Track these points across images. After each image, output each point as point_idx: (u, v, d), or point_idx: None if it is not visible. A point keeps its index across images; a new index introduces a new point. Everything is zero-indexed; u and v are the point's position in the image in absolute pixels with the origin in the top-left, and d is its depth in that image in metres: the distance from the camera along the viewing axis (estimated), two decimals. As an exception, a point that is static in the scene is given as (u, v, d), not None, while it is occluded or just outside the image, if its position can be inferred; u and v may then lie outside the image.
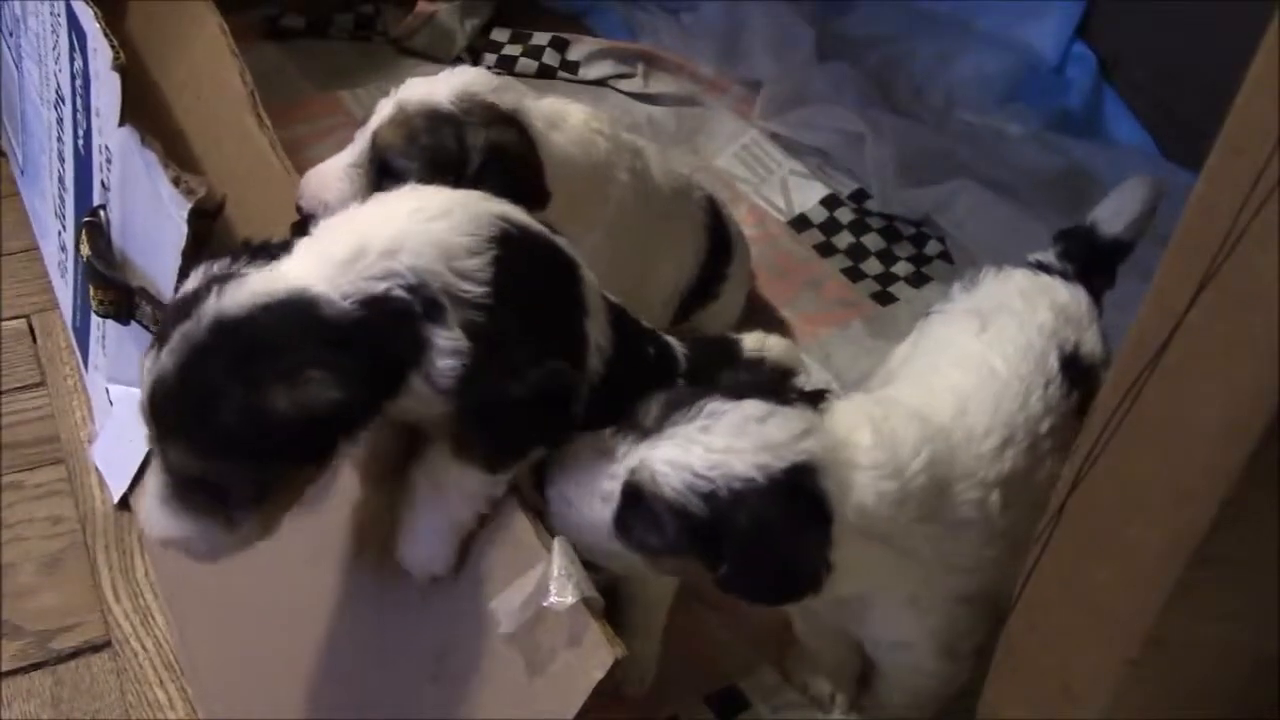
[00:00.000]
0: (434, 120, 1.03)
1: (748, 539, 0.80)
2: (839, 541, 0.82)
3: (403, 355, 0.76)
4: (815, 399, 0.87)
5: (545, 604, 0.78)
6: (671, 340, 1.02)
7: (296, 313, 0.74)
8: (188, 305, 0.75)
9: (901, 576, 0.90)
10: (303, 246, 0.79)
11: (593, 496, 0.83)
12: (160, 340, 0.74)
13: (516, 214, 0.85)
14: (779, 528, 0.81)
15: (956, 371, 1.00)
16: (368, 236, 0.77)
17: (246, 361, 0.72)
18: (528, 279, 0.82)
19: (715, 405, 0.82)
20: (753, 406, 0.82)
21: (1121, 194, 1.16)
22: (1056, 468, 0.88)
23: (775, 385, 0.88)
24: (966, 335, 1.05)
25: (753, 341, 1.08)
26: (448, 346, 0.76)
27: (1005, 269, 1.13)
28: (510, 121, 1.07)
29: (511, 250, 0.81)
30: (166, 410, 0.74)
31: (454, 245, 0.78)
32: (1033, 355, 1.01)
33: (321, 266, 0.76)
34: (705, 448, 0.80)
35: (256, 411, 0.71)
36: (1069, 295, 1.08)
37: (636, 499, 0.82)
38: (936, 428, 0.91)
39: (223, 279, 0.75)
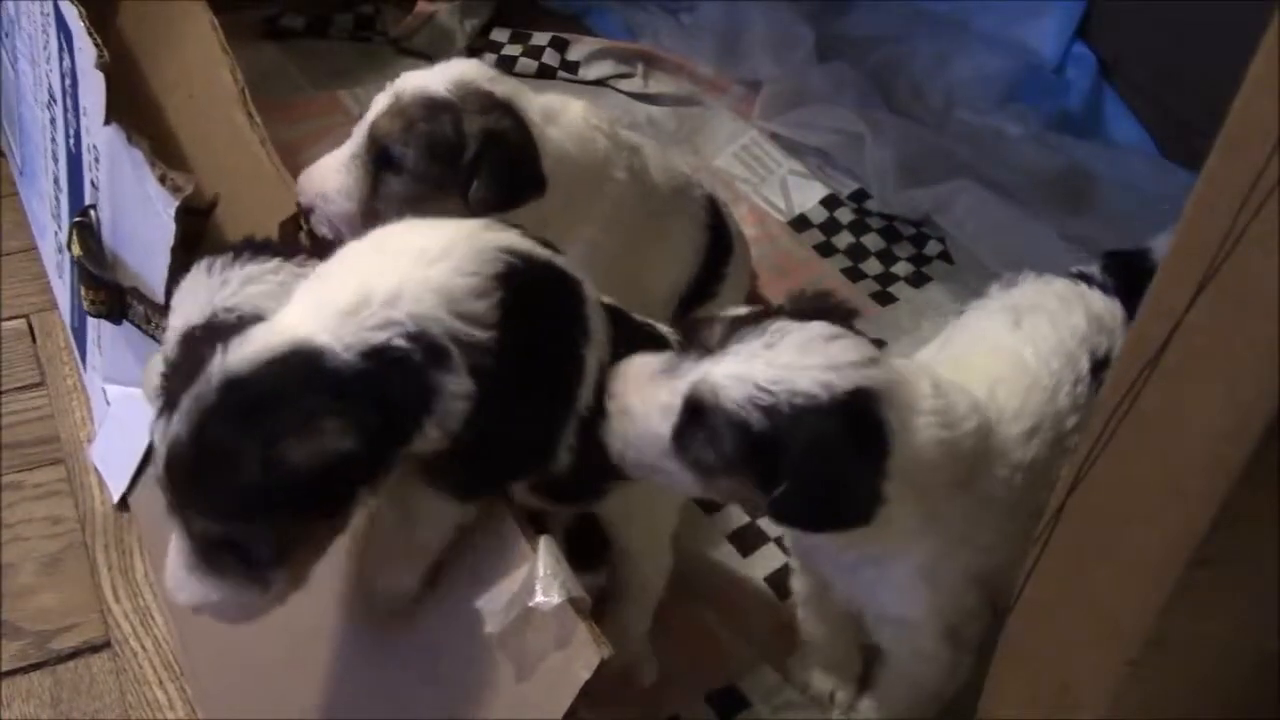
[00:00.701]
0: (430, 108, 1.04)
1: (806, 457, 0.79)
2: (892, 476, 0.82)
3: (411, 404, 0.75)
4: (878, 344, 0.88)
5: (531, 604, 0.78)
6: (665, 331, 1.01)
7: (302, 366, 0.73)
8: (193, 366, 0.73)
9: (925, 540, 0.90)
10: (303, 292, 0.78)
11: (653, 410, 0.82)
12: (169, 406, 0.74)
13: (520, 243, 0.83)
14: (838, 448, 0.80)
15: (989, 359, 1.01)
16: (370, 285, 0.76)
17: (258, 418, 0.71)
18: (533, 316, 0.81)
19: (782, 325, 0.82)
20: (821, 328, 0.82)
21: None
22: None
23: (844, 315, 0.88)
24: (1000, 328, 1.06)
25: (731, 313, 1.08)
26: (458, 391, 0.76)
27: (1046, 275, 1.14)
28: (506, 109, 1.07)
29: (517, 287, 0.80)
30: (184, 476, 0.73)
31: (457, 289, 0.77)
32: (1063, 353, 1.02)
33: (324, 317, 0.75)
34: (768, 362, 0.80)
35: (273, 467, 0.70)
36: (1105, 306, 1.09)
37: (697, 413, 0.80)
38: (980, 401, 0.92)
39: (226, 335, 0.74)
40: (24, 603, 1.17)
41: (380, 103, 1.06)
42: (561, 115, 1.14)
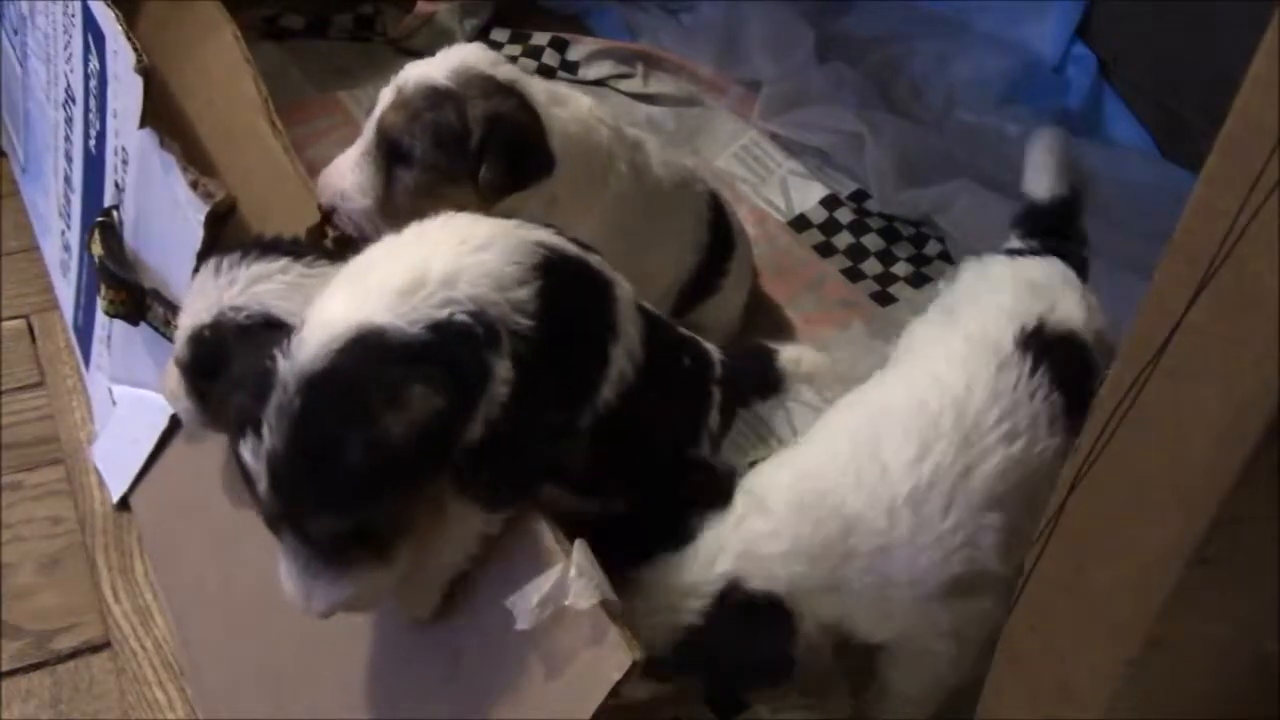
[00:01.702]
0: (433, 97, 1.04)
1: (739, 673, 0.94)
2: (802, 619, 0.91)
3: (473, 378, 0.76)
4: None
5: (565, 604, 0.78)
6: (709, 347, 1.03)
7: (371, 346, 0.74)
8: (260, 385, 0.74)
9: (873, 607, 0.94)
10: (346, 282, 0.79)
11: None
12: (245, 428, 0.74)
13: (554, 239, 0.85)
14: (747, 649, 0.91)
15: (895, 377, 1.03)
16: (423, 268, 0.77)
17: (349, 404, 0.73)
18: (568, 309, 0.82)
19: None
20: (660, 564, 0.91)
21: (1030, 158, 1.18)
22: (1020, 451, 0.94)
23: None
24: (932, 328, 1.08)
25: (790, 354, 1.08)
26: (503, 376, 0.77)
27: (984, 258, 1.15)
28: (509, 91, 1.07)
29: (554, 279, 0.81)
30: (294, 484, 0.74)
31: (505, 275, 0.79)
32: (984, 340, 1.01)
33: (379, 299, 0.76)
34: (652, 613, 0.90)
35: (378, 444, 0.72)
36: (1039, 269, 1.09)
37: None
38: (818, 481, 0.95)
39: (273, 347, 0.75)
40: (24, 603, 1.17)
41: (386, 97, 1.07)
42: (569, 101, 1.15)
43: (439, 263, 0.78)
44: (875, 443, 0.95)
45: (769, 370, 1.07)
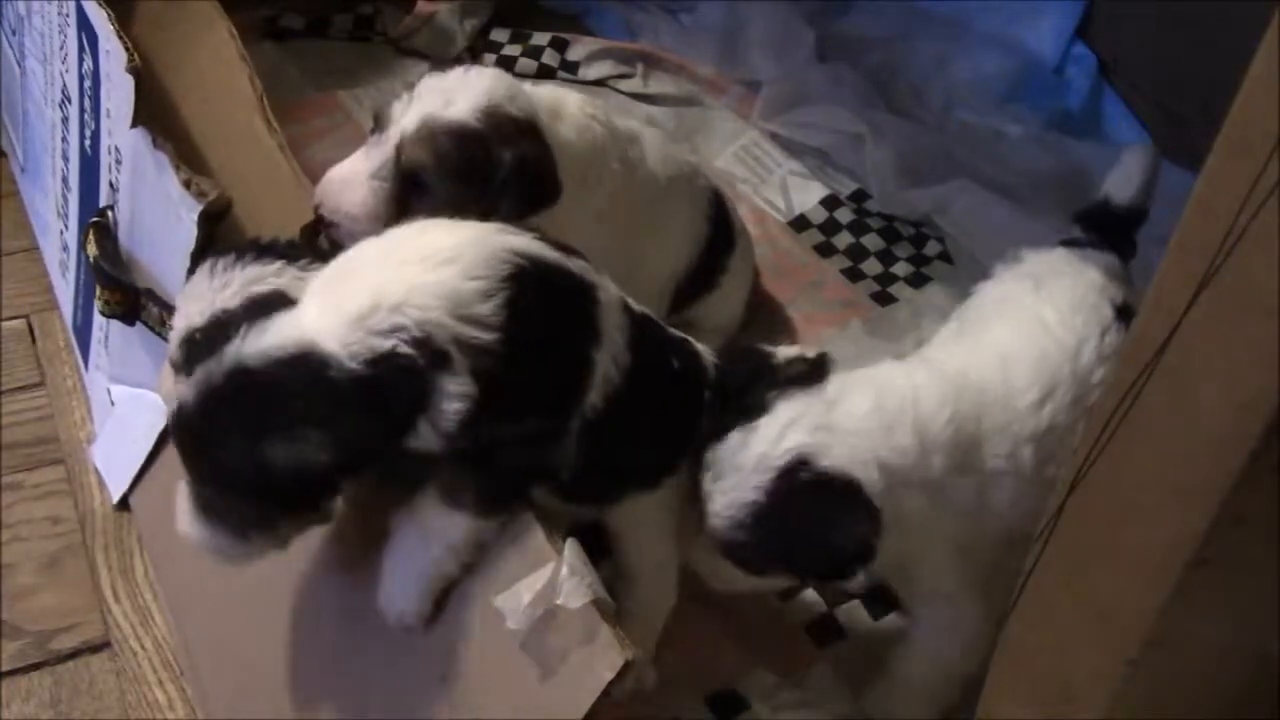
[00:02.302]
0: (462, 140, 1.03)
1: (795, 542, 0.90)
2: (882, 502, 0.87)
3: (406, 405, 0.78)
4: (819, 368, 0.93)
5: (557, 603, 0.78)
6: (701, 349, 1.02)
7: (305, 370, 0.76)
8: (218, 337, 0.78)
9: (950, 527, 0.95)
10: (322, 289, 0.81)
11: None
12: (189, 362, 0.79)
13: (531, 246, 0.84)
14: (814, 522, 0.88)
15: (1005, 329, 1.05)
16: (380, 290, 0.78)
17: (253, 411, 0.76)
18: (539, 317, 0.82)
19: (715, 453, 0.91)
20: (733, 440, 0.89)
21: (1124, 164, 1.23)
22: None
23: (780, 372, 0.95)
24: (1021, 294, 1.11)
25: (786, 354, 1.08)
26: (455, 392, 0.78)
27: (1042, 249, 1.19)
28: (532, 132, 1.08)
29: (524, 288, 0.81)
30: (184, 439, 0.80)
31: (464, 292, 0.79)
32: (1086, 306, 1.06)
33: (334, 321, 0.78)
34: (721, 493, 0.89)
35: (255, 459, 0.75)
36: (1106, 259, 1.15)
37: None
38: (965, 385, 0.96)
39: (251, 318, 0.79)
40: (24, 603, 1.17)
41: (405, 122, 1.05)
42: (564, 109, 1.15)
43: (396, 285, 0.78)
44: (1006, 378, 0.98)
45: (765, 373, 1.07)
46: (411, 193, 1.04)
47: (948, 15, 1.97)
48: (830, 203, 1.72)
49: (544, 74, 1.90)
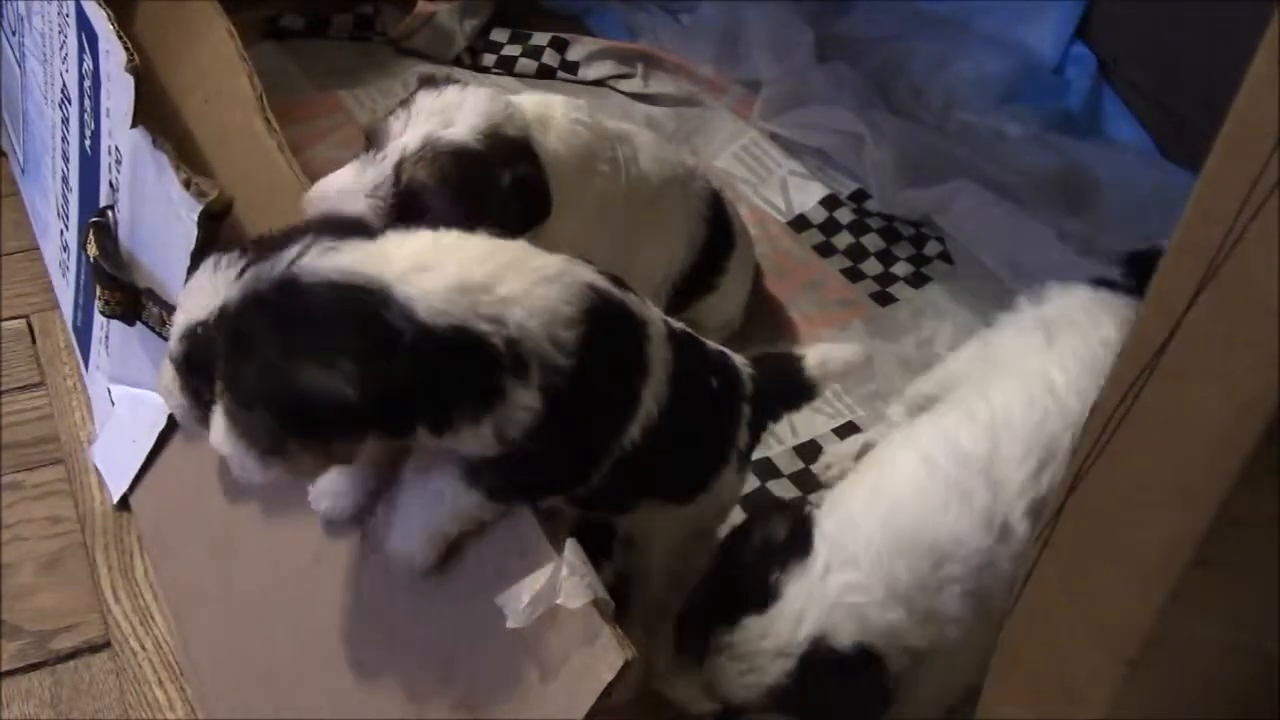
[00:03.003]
0: (463, 162, 1.04)
1: (818, 713, 0.95)
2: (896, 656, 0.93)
3: (470, 397, 0.77)
4: (800, 531, 0.95)
5: (557, 602, 0.78)
6: (737, 362, 1.03)
7: (363, 305, 0.74)
8: (275, 248, 0.77)
9: (964, 623, 0.97)
10: (414, 240, 0.80)
11: None
12: (247, 265, 0.77)
13: (601, 282, 0.86)
14: (836, 694, 0.94)
15: (1004, 394, 1.03)
16: (497, 276, 0.78)
17: (292, 326, 0.73)
18: (607, 352, 0.83)
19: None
20: (751, 628, 0.92)
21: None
22: None
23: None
24: (1032, 348, 1.09)
25: (815, 357, 1.08)
26: (526, 403, 0.78)
27: (1069, 285, 1.16)
28: (528, 153, 1.09)
29: (598, 323, 0.82)
30: (219, 338, 0.77)
31: (560, 314, 0.80)
32: (1095, 371, 1.03)
33: (431, 279, 0.76)
34: (740, 674, 0.93)
35: (280, 375, 0.72)
36: (1133, 311, 1.10)
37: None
38: (907, 516, 0.97)
39: (320, 234, 0.77)
40: (24, 603, 1.17)
41: (406, 139, 1.05)
42: (550, 117, 1.16)
43: (515, 282, 0.78)
44: (989, 460, 0.98)
45: (798, 379, 1.07)
46: (409, 208, 1.04)
47: (948, 15, 1.97)
48: (830, 203, 1.72)
49: (544, 74, 1.90)
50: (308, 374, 0.72)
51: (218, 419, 0.77)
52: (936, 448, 1.01)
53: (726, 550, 0.99)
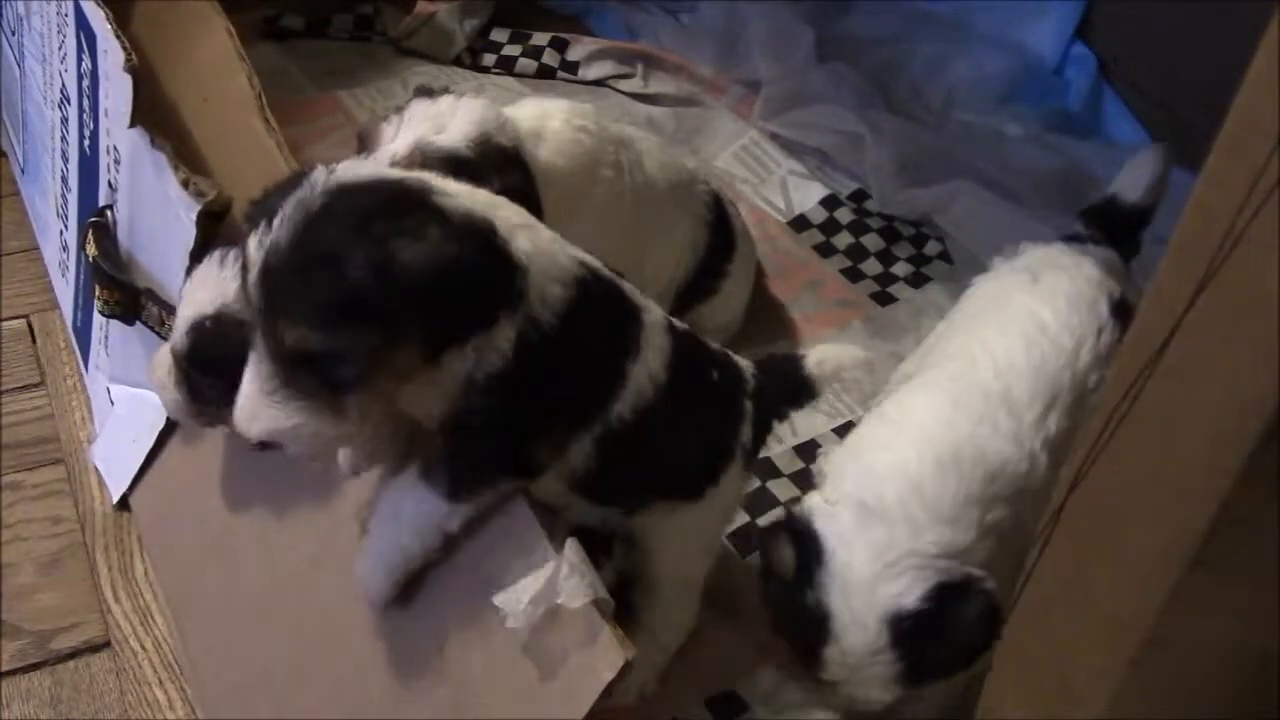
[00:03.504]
0: (453, 168, 1.04)
1: (944, 655, 0.93)
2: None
3: (480, 307, 0.77)
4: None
5: (558, 602, 0.78)
6: (740, 361, 1.03)
7: (417, 195, 0.76)
8: (291, 184, 0.75)
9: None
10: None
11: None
12: (262, 217, 0.74)
13: (591, 260, 0.87)
14: (954, 634, 0.91)
15: (1001, 335, 1.06)
16: (506, 212, 0.81)
17: (369, 221, 0.73)
18: (588, 325, 0.84)
19: None
20: (840, 614, 0.91)
21: (1136, 163, 1.25)
22: None
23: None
24: (1017, 288, 1.12)
25: (815, 356, 1.09)
26: (501, 344, 0.78)
27: (1041, 244, 1.21)
28: (517, 162, 1.10)
29: (584, 295, 0.83)
30: (284, 282, 0.73)
31: (557, 264, 0.81)
32: (1084, 304, 1.07)
33: (449, 184, 0.78)
34: (856, 655, 0.92)
35: (382, 265, 0.71)
36: (1105, 254, 1.17)
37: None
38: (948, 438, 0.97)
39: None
40: (24, 603, 1.17)
41: (398, 147, 1.05)
42: (546, 130, 1.16)
43: (519, 219, 0.81)
44: (1007, 394, 1.00)
45: (800, 378, 1.07)
46: None
47: (948, 15, 1.97)
48: (830, 203, 1.72)
49: (544, 74, 1.90)
50: (413, 249, 0.72)
51: (260, 397, 0.76)
52: (952, 385, 1.02)
53: (770, 605, 0.99)
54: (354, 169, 0.77)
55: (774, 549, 0.97)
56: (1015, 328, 1.06)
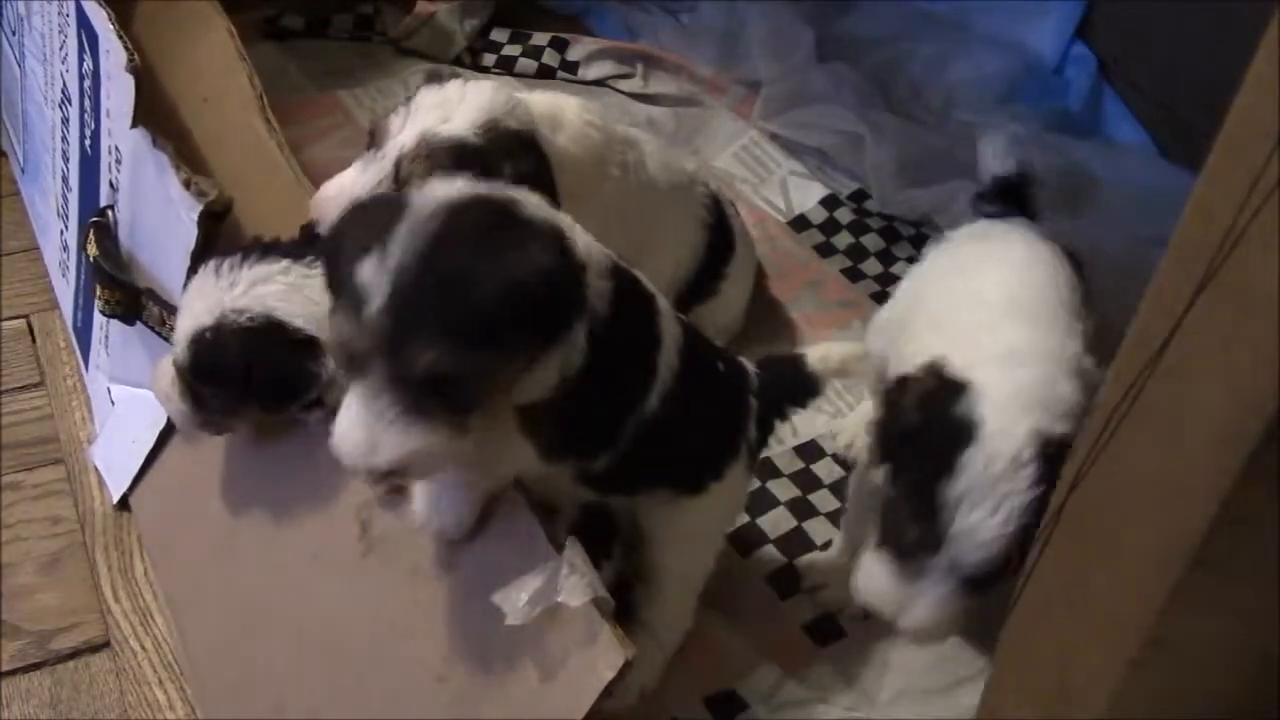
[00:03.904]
0: (460, 156, 1.03)
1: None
2: None
3: (568, 314, 0.79)
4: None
5: (558, 599, 0.78)
6: (742, 360, 1.04)
7: (501, 207, 0.77)
8: (382, 213, 0.76)
9: None
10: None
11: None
12: (361, 252, 0.74)
13: (611, 253, 0.88)
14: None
15: (989, 275, 1.12)
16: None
17: (483, 240, 0.74)
18: (628, 310, 0.86)
19: None
20: (972, 466, 0.91)
21: (989, 148, 1.32)
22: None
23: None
24: (979, 246, 1.21)
25: (816, 354, 1.09)
26: (578, 343, 0.79)
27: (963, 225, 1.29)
28: (529, 146, 1.08)
29: (619, 283, 0.85)
30: (415, 305, 0.72)
31: (602, 258, 0.83)
32: (1046, 250, 1.15)
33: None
34: (989, 512, 0.91)
35: (507, 282, 0.73)
36: (1023, 220, 1.24)
37: None
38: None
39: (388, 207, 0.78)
40: (24, 603, 1.17)
41: (404, 136, 1.04)
42: (563, 117, 1.15)
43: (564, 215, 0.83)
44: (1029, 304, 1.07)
45: (801, 376, 1.08)
46: None
47: (948, 15, 1.97)
48: (830, 203, 1.72)
49: (544, 74, 1.90)
50: (524, 265, 0.74)
51: (382, 426, 0.75)
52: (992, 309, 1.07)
53: (900, 439, 0.97)
54: (448, 188, 0.78)
55: (912, 385, 0.97)
56: (998, 267, 1.12)
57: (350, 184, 1.04)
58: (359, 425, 0.75)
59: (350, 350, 0.75)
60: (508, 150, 1.05)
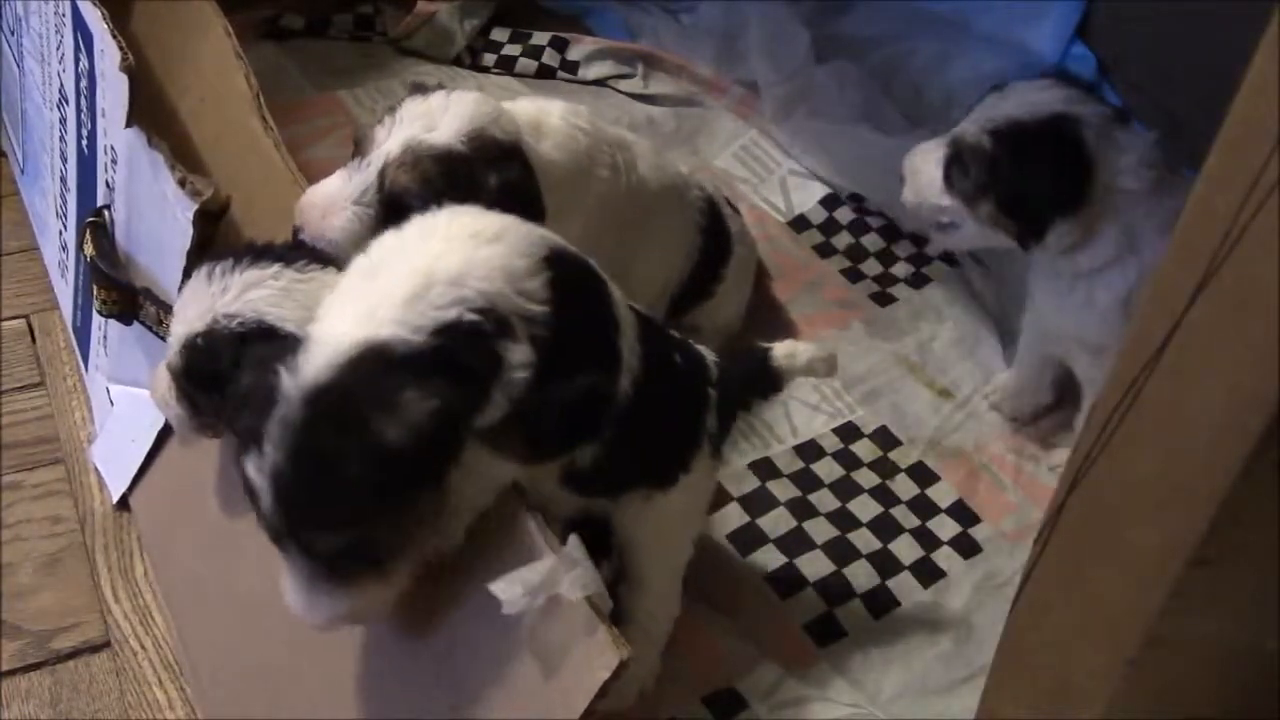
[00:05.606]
0: (446, 164, 1.03)
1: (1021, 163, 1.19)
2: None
3: (483, 371, 0.77)
4: None
5: (558, 592, 0.78)
6: (703, 350, 1.04)
7: (374, 360, 0.75)
8: (265, 401, 0.75)
9: (1125, 269, 1.21)
10: (349, 295, 0.80)
11: (930, 160, 1.27)
12: (249, 444, 0.75)
13: (553, 236, 0.87)
14: (1044, 153, 1.18)
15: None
16: (430, 268, 0.78)
17: (347, 416, 0.73)
18: (576, 296, 0.84)
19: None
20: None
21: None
22: None
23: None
24: None
25: (783, 350, 1.09)
26: (520, 360, 0.78)
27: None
28: (515, 155, 1.08)
29: (561, 270, 0.83)
30: (296, 499, 0.74)
31: (515, 268, 0.81)
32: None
33: (385, 309, 0.76)
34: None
35: (374, 452, 0.72)
36: None
37: (956, 153, 1.24)
38: None
39: (277, 362, 0.76)
40: (24, 603, 1.17)
41: (388, 144, 1.04)
42: (546, 124, 1.15)
43: (448, 261, 0.79)
44: None
45: (765, 369, 1.08)
46: (395, 218, 1.04)
47: (948, 15, 1.97)
48: (830, 202, 1.72)
49: (544, 74, 1.90)
50: (393, 423, 0.73)
51: (309, 591, 0.78)
52: None
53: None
54: (312, 360, 0.75)
55: None
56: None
57: (335, 192, 1.04)
58: (293, 590, 0.79)
59: (266, 529, 0.77)
60: (493, 159, 1.06)
